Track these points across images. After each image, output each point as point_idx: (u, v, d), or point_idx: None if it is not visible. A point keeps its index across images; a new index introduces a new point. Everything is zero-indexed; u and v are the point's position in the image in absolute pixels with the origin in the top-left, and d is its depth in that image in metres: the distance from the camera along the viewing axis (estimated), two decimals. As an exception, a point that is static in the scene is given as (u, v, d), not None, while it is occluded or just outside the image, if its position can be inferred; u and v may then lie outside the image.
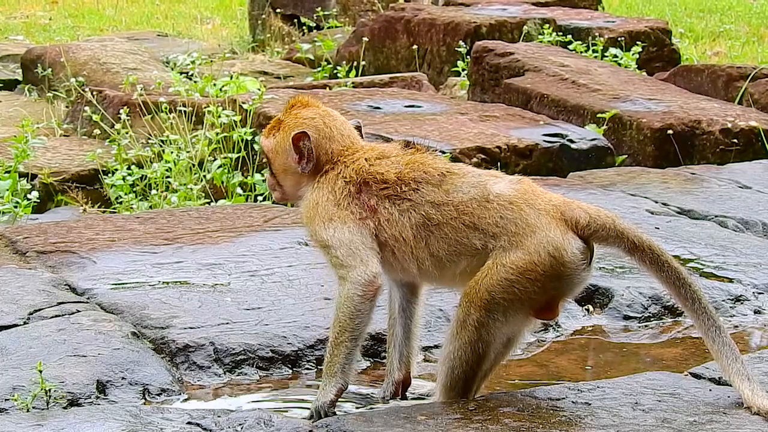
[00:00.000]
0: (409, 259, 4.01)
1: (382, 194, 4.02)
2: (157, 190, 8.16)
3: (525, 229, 3.92)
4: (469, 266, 3.97)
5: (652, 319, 5.28)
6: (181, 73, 11.73)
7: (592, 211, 3.99)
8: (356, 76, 11.97)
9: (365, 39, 12.62)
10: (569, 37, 12.04)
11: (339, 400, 4.05)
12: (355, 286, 3.97)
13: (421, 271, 4.03)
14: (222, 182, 8.24)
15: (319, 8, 15.35)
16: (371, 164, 4.07)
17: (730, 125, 8.74)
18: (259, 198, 7.92)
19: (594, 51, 11.61)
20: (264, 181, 4.56)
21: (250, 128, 8.45)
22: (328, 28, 15.04)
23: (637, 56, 11.56)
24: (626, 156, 8.55)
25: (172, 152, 8.40)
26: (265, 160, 4.37)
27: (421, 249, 3.99)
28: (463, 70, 11.35)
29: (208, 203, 7.98)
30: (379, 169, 4.05)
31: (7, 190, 7.75)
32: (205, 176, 8.32)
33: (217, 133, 8.46)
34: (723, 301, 5.38)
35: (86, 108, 9.44)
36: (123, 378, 4.36)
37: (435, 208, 3.98)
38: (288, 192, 4.24)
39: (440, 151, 7.36)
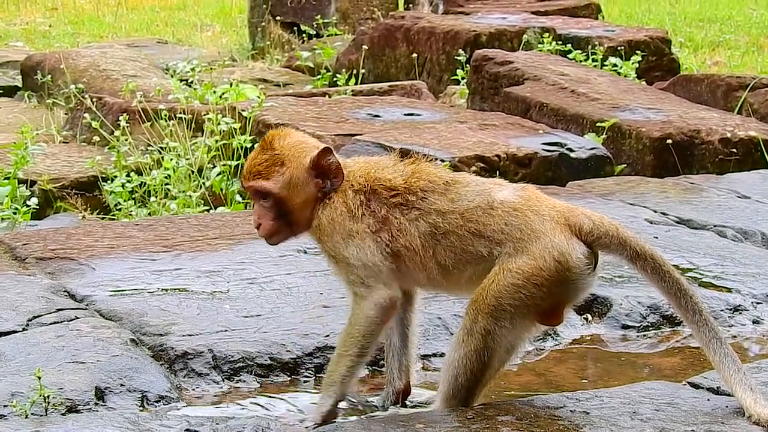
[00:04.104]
0: (419, 269, 4.01)
1: (391, 203, 4.01)
2: (156, 197, 8.17)
3: (530, 235, 3.93)
4: (474, 274, 3.98)
5: (650, 328, 5.28)
6: (181, 81, 11.72)
7: (596, 217, 4.01)
8: (356, 84, 11.98)
9: (365, 47, 12.64)
10: (569, 46, 12.05)
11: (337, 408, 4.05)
12: (377, 308, 3.96)
13: (429, 279, 4.04)
14: (221, 189, 8.24)
15: (319, 16, 15.37)
16: (376, 171, 4.06)
17: (729, 135, 8.74)
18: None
19: (593, 60, 11.62)
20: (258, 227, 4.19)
21: (250, 136, 8.45)
22: (328, 35, 15.06)
23: (637, 65, 11.58)
24: (625, 165, 8.55)
25: (171, 159, 8.40)
26: (267, 205, 4.03)
27: (429, 258, 3.99)
28: (463, 78, 11.34)
29: (207, 210, 7.98)
30: (385, 176, 4.04)
31: (7, 196, 7.75)
32: (204, 183, 8.32)
33: (216, 141, 8.46)
34: (721, 310, 5.38)
35: (86, 115, 9.45)
36: (121, 385, 4.36)
37: (441, 217, 3.98)
38: (298, 227, 4.07)
39: (440, 160, 7.35)
